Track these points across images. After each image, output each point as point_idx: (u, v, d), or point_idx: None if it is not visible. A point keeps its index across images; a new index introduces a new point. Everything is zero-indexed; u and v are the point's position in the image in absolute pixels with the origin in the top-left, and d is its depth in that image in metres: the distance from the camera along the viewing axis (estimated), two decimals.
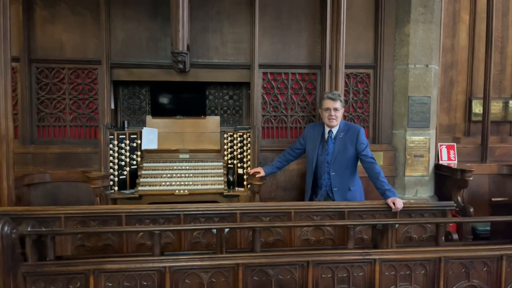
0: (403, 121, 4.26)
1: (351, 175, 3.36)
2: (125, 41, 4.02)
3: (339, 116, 3.32)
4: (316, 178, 3.42)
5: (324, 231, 3.05)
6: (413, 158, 4.24)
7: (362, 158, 3.28)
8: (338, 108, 3.29)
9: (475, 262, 2.37)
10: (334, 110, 3.29)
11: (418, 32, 4.15)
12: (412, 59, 4.18)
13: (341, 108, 3.32)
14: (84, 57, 4.02)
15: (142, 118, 4.39)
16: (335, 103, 3.29)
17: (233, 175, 4.16)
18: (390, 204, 3.02)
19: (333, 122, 3.32)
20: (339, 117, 3.33)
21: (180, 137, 4.24)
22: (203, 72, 4.14)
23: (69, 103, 4.06)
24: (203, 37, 4.11)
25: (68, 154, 4.01)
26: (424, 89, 4.21)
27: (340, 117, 3.35)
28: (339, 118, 3.33)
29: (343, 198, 3.31)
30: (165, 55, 4.03)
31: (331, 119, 3.30)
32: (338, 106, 3.29)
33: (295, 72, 4.25)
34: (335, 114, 3.29)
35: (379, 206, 3.09)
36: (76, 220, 2.90)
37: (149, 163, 4.08)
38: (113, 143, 3.94)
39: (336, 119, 3.31)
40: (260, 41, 4.11)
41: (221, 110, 4.56)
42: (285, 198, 4.26)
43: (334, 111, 3.29)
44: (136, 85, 4.40)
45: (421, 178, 4.27)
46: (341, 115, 3.35)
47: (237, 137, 4.16)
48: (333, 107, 3.29)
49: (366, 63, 4.31)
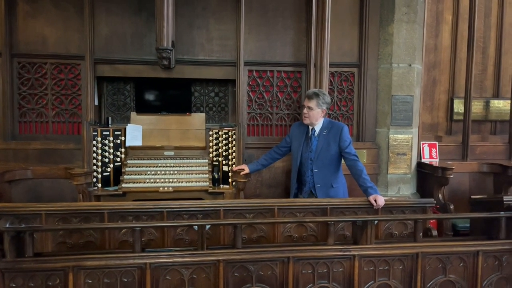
0: (387, 120, 4.31)
1: (334, 172, 3.39)
2: (109, 37, 3.98)
3: (312, 115, 3.27)
4: (300, 175, 3.45)
5: (307, 227, 3.08)
6: (396, 156, 4.30)
7: (345, 155, 3.30)
8: (312, 107, 3.25)
9: (452, 257, 2.42)
10: (307, 108, 3.28)
11: (402, 31, 4.20)
12: (396, 58, 4.23)
13: (316, 108, 3.26)
14: (67, 52, 3.97)
15: (126, 115, 4.36)
16: (309, 102, 3.28)
17: (218, 172, 4.15)
18: (371, 201, 3.05)
19: (305, 120, 3.31)
20: (312, 116, 3.28)
21: (165, 134, 4.20)
22: (189, 69, 4.12)
23: (52, 99, 4.01)
24: (188, 33, 4.10)
25: (51, 150, 3.96)
26: (407, 88, 4.27)
27: (315, 116, 3.29)
28: (312, 117, 3.28)
29: (326, 195, 3.33)
30: (150, 51, 4.01)
31: (304, 117, 3.32)
32: (312, 105, 3.25)
33: (280, 70, 4.26)
34: (308, 113, 3.27)
35: (361, 203, 3.11)
36: (57, 217, 2.87)
37: (134, 160, 4.05)
38: (97, 139, 3.90)
39: (309, 117, 3.28)
40: (246, 38, 4.11)
41: (206, 107, 4.56)
42: (269, 195, 4.27)
43: (307, 110, 3.27)
44: (120, 81, 4.37)
45: (404, 175, 4.34)
46: (316, 114, 3.28)
47: (223, 134, 4.15)
48: (307, 105, 3.29)
49: (350, 62, 4.34)
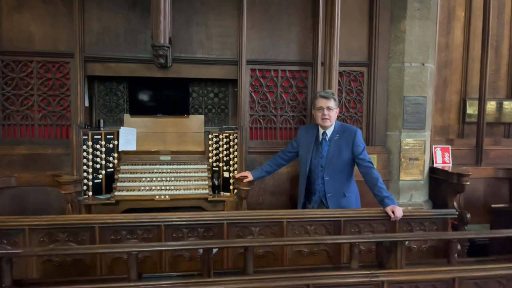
0: (398, 122, 4.05)
1: (346, 180, 3.13)
2: (100, 33, 3.69)
3: (333, 116, 3.10)
4: (309, 183, 3.18)
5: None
6: (408, 161, 4.04)
7: (359, 162, 3.05)
8: (332, 107, 3.07)
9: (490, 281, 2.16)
10: (327, 109, 3.06)
11: (414, 28, 3.95)
12: (408, 57, 3.98)
13: (335, 108, 3.10)
14: (55, 50, 3.66)
15: (119, 117, 4.08)
16: (328, 102, 3.07)
17: (218, 179, 3.90)
18: (389, 213, 2.82)
19: (327, 122, 3.08)
20: (333, 117, 3.10)
21: (161, 137, 3.94)
22: (186, 68, 3.84)
23: (38, 100, 3.71)
24: (186, 30, 3.81)
25: (37, 155, 3.66)
26: (420, 89, 4.02)
27: (334, 117, 3.13)
28: (333, 118, 3.11)
29: (338, 205, 3.09)
30: (145, 49, 3.74)
31: (324, 119, 3.07)
32: (331, 105, 3.06)
33: (285, 69, 3.98)
34: (329, 114, 3.07)
35: (377, 215, 2.88)
36: (42, 232, 2.60)
37: (127, 166, 3.79)
38: (87, 144, 3.62)
39: (330, 119, 3.08)
40: (248, 35, 3.83)
41: (205, 109, 4.28)
42: (273, 203, 4.02)
43: (327, 110, 3.06)
44: (113, 81, 4.08)
45: (416, 182, 4.08)
46: (335, 115, 3.13)
47: (223, 138, 3.89)
48: (326, 106, 3.06)
49: (359, 61, 4.08)
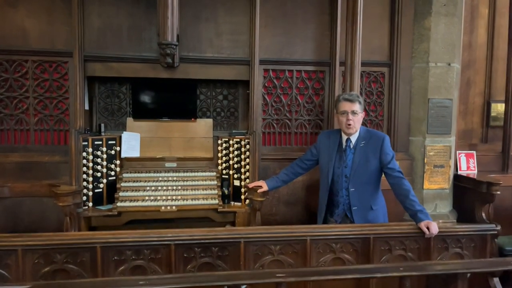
0: (422, 127, 3.77)
1: (373, 191, 2.85)
2: (102, 30, 3.40)
3: (358, 121, 2.82)
4: (332, 195, 2.90)
5: (344, 260, 2.58)
6: (433, 168, 3.76)
7: (388, 171, 2.77)
8: (357, 111, 2.79)
9: None
10: (352, 113, 2.78)
11: (440, 26, 3.66)
12: (433, 56, 3.69)
13: (360, 112, 2.82)
14: (52, 48, 3.37)
15: (122, 121, 3.81)
16: (353, 105, 2.79)
17: (228, 188, 3.62)
18: (423, 229, 2.55)
19: (351, 129, 2.80)
20: (358, 122, 2.82)
21: (166, 143, 3.68)
22: (194, 68, 3.55)
23: (34, 103, 3.41)
24: (194, 27, 3.52)
25: (32, 163, 3.37)
26: (446, 91, 3.73)
27: (360, 122, 2.85)
28: (358, 123, 2.83)
29: (364, 219, 2.81)
30: (149, 48, 3.46)
31: (349, 124, 2.78)
32: (356, 109, 2.78)
33: (300, 69, 3.70)
34: (354, 119, 2.78)
35: (410, 231, 2.62)
36: (37, 253, 2.32)
37: (130, 174, 3.52)
38: (87, 150, 3.33)
39: (355, 124, 2.80)
40: (261, 32, 3.55)
41: (214, 112, 3.99)
42: (288, 213, 3.73)
43: (352, 115, 2.78)
44: (115, 82, 3.79)
45: (441, 191, 3.79)
46: (360, 120, 2.86)
47: (234, 144, 3.61)
48: (350, 110, 2.78)
49: (380, 61, 3.79)
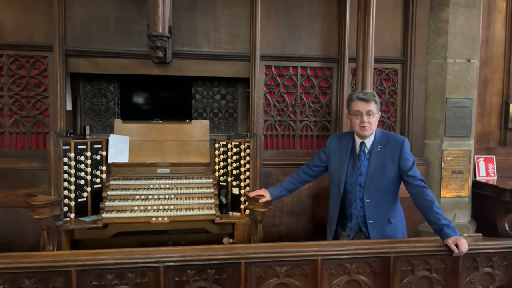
0: (439, 129, 3.45)
1: (391, 202, 2.52)
2: (86, 21, 3.09)
3: (373, 122, 2.49)
4: (344, 206, 2.56)
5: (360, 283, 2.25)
6: (451, 174, 3.43)
7: (408, 180, 2.44)
8: (373, 111, 2.46)
9: None
10: (367, 114, 2.45)
11: (459, 18, 3.36)
12: (451, 51, 3.38)
13: (376, 112, 2.50)
14: (30, 41, 3.06)
15: (109, 123, 3.50)
16: (368, 105, 2.46)
17: (226, 196, 3.31)
18: (451, 247, 2.22)
19: (366, 131, 2.47)
20: (373, 124, 2.50)
21: (158, 146, 3.38)
22: (190, 64, 3.24)
23: (9, 102, 3.09)
24: (189, 19, 3.21)
25: (7, 170, 3.07)
26: (465, 90, 3.42)
27: (375, 124, 2.52)
28: (373, 125, 2.50)
29: (381, 233, 2.48)
30: (140, 41, 3.16)
31: (363, 126, 2.46)
32: (372, 109, 2.46)
33: (306, 65, 3.38)
34: (369, 120, 2.46)
35: (435, 249, 2.28)
36: (2, 278, 1.96)
37: (118, 181, 3.20)
38: (69, 155, 2.99)
39: (370, 126, 2.48)
40: (263, 25, 3.24)
41: (210, 113, 3.67)
42: (292, 225, 3.42)
43: (367, 116, 2.45)
44: (102, 80, 3.49)
45: (460, 199, 3.47)
46: (376, 121, 2.53)
47: (232, 148, 3.29)
48: (365, 111, 2.45)
49: (393, 57, 3.48)
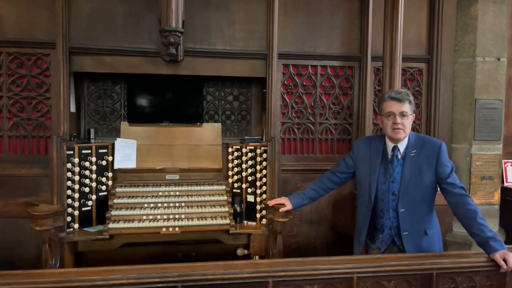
0: (467, 132, 3.25)
1: (427, 212, 2.31)
2: (91, 17, 2.92)
3: (407, 124, 2.29)
4: (374, 216, 2.35)
5: None
6: (480, 180, 3.23)
7: (447, 187, 2.22)
8: (407, 113, 2.26)
9: None
10: (400, 115, 2.24)
11: (488, 14, 3.17)
12: (480, 50, 3.19)
13: (410, 113, 2.29)
14: (31, 38, 2.88)
15: (115, 126, 3.36)
16: (402, 106, 2.25)
17: (240, 204, 3.14)
18: (499, 262, 2.00)
19: (400, 134, 2.26)
20: (407, 126, 2.29)
21: (167, 151, 3.23)
22: (202, 63, 3.07)
23: (8, 104, 2.90)
24: (202, 15, 3.02)
25: (6, 177, 2.89)
26: (495, 90, 3.22)
27: (410, 126, 2.31)
28: (407, 127, 2.29)
29: (417, 247, 2.26)
30: (149, 39, 3.00)
31: (397, 129, 2.25)
32: (406, 110, 2.25)
33: (325, 64, 3.19)
34: (403, 122, 2.25)
35: (481, 264, 2.06)
36: None
37: (125, 188, 3.04)
38: (73, 161, 2.81)
39: (404, 129, 2.27)
40: (281, 21, 3.07)
41: (223, 115, 3.49)
42: (311, 234, 3.24)
43: (400, 118, 2.24)
44: (107, 80, 3.35)
45: (490, 207, 3.26)
46: (410, 123, 2.32)
47: (247, 152, 3.11)
48: (399, 112, 2.24)
49: (418, 55, 3.29)
